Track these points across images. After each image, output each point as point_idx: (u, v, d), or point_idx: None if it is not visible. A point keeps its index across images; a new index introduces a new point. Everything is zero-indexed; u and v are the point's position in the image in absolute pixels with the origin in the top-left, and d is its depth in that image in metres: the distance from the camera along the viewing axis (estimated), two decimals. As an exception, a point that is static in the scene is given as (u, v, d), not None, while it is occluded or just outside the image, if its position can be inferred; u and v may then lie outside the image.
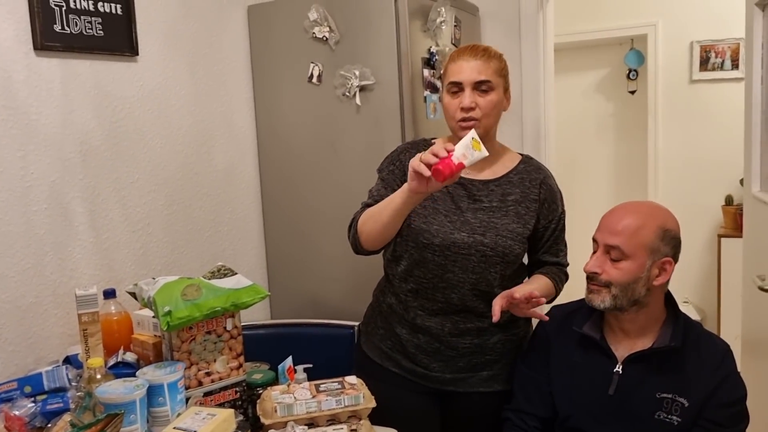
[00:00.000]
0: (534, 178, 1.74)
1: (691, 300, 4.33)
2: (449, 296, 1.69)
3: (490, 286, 1.68)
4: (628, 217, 1.51)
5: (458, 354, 1.72)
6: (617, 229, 1.50)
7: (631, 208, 1.54)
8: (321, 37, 2.27)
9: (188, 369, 1.52)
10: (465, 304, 1.69)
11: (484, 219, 1.68)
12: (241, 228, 2.45)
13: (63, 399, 1.48)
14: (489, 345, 1.72)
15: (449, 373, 1.73)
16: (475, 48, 1.69)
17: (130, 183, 2.01)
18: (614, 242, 1.49)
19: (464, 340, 1.71)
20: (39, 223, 1.75)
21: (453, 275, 1.67)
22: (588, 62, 4.81)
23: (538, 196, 1.73)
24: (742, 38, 3.73)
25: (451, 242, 1.65)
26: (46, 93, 1.77)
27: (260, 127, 2.48)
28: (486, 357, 1.73)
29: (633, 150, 4.68)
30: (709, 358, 1.51)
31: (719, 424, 1.46)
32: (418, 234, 1.68)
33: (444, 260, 1.67)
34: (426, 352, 1.73)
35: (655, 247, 1.48)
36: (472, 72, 1.64)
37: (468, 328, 1.71)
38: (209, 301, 1.51)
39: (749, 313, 2.36)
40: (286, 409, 1.45)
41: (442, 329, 1.71)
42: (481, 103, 1.64)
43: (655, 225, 1.49)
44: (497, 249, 1.65)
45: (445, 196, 1.71)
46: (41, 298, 1.76)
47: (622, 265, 1.49)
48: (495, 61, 1.68)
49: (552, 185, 1.78)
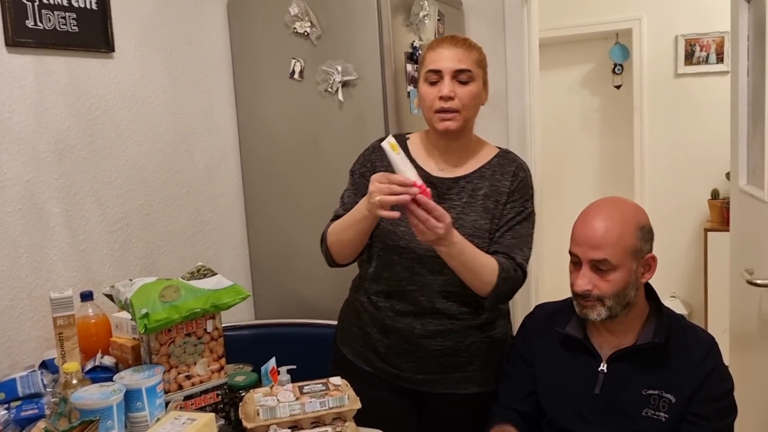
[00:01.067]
0: (506, 171, 1.67)
1: (678, 294, 4.34)
2: (418, 298, 1.65)
3: (460, 286, 1.61)
4: (605, 226, 1.44)
5: (429, 356, 1.67)
6: (598, 241, 1.43)
7: (604, 215, 1.46)
8: (302, 32, 2.24)
9: (167, 372, 1.48)
10: (434, 306, 1.64)
11: (453, 217, 1.58)
12: (223, 227, 2.41)
13: (38, 405, 1.44)
14: (462, 347, 1.67)
15: (421, 374, 1.69)
16: (455, 37, 1.64)
17: (108, 182, 1.96)
18: (600, 256, 1.43)
19: (435, 342, 1.66)
20: (13, 224, 1.70)
21: (421, 277, 1.64)
22: (573, 57, 4.81)
23: (509, 188, 1.65)
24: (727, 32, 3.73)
25: (416, 244, 1.61)
26: (18, 91, 1.72)
27: (242, 124, 2.44)
28: (459, 359, 1.68)
29: (619, 144, 4.68)
30: (695, 351, 1.49)
31: (707, 419, 1.45)
32: (385, 236, 1.66)
33: (411, 263, 1.64)
34: (397, 352, 1.70)
35: (638, 248, 1.45)
36: (452, 60, 1.59)
37: (439, 330, 1.65)
38: (188, 303, 1.48)
39: (737, 307, 2.35)
40: (269, 411, 1.42)
41: (412, 331, 1.66)
42: (460, 93, 1.59)
43: (632, 227, 1.45)
44: None
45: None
46: (16, 302, 1.71)
47: (612, 276, 1.44)
48: (475, 52, 1.63)
49: (524, 178, 1.68)
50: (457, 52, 1.60)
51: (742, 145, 2.22)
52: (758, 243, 1.99)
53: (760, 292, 1.90)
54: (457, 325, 1.65)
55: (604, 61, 4.70)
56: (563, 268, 1.68)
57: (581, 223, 1.49)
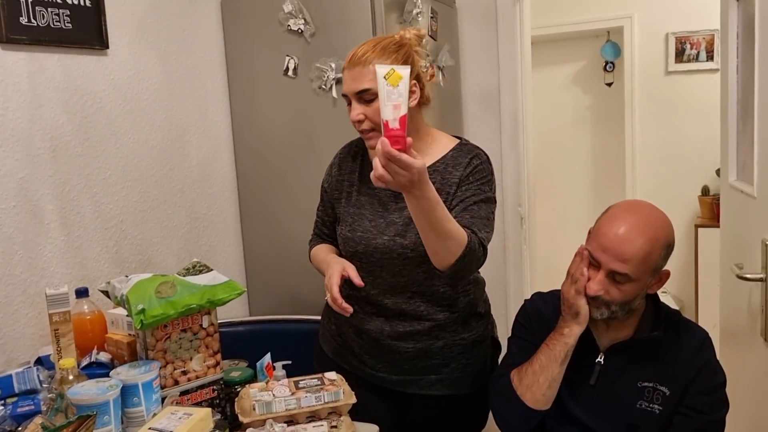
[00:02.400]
0: (459, 163, 1.60)
1: (669, 290, 4.37)
2: (383, 302, 1.65)
3: (423, 286, 1.62)
4: (637, 241, 1.40)
5: (402, 357, 1.67)
6: (626, 256, 1.40)
7: (638, 227, 1.42)
8: (296, 29, 2.24)
9: (164, 368, 1.48)
10: (400, 307, 1.64)
11: (408, 216, 1.54)
12: (217, 224, 2.42)
13: (34, 401, 1.44)
14: (434, 349, 1.66)
15: (395, 375, 1.69)
16: (354, 54, 1.56)
17: (102, 179, 1.96)
18: (623, 270, 1.41)
19: (406, 344, 1.66)
20: (7, 221, 1.70)
21: (383, 280, 1.64)
22: (565, 55, 4.83)
23: (459, 177, 1.58)
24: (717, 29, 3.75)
25: (373, 248, 1.62)
26: (12, 88, 1.72)
27: (236, 122, 2.45)
28: (432, 361, 1.67)
29: (610, 141, 4.71)
30: (688, 346, 1.51)
31: (699, 411, 1.47)
32: (345, 243, 1.68)
33: (371, 266, 1.64)
34: (371, 353, 1.70)
35: (659, 266, 1.46)
36: (351, 82, 1.55)
37: (408, 331, 1.65)
38: (184, 299, 1.48)
39: (727, 302, 2.37)
40: (265, 406, 1.43)
41: (381, 333, 1.66)
42: (369, 112, 1.54)
43: (661, 245, 1.43)
44: (417, 249, 1.55)
45: (372, 198, 1.67)
46: (11, 298, 1.72)
47: (626, 287, 1.43)
48: (382, 59, 1.53)
49: (481, 166, 1.60)
50: (353, 72, 1.54)
51: (731, 141, 2.24)
52: (747, 238, 2.01)
53: (750, 287, 1.92)
54: (425, 326, 1.64)
55: (596, 59, 4.73)
56: (555, 264, 1.69)
57: (609, 228, 1.44)
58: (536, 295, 1.72)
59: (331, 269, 1.62)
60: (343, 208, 1.72)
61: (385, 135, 1.20)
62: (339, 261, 1.65)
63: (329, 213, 1.78)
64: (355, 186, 1.71)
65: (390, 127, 1.21)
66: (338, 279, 1.58)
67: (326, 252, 1.76)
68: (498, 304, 2.76)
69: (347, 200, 1.72)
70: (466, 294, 1.68)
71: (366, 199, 1.67)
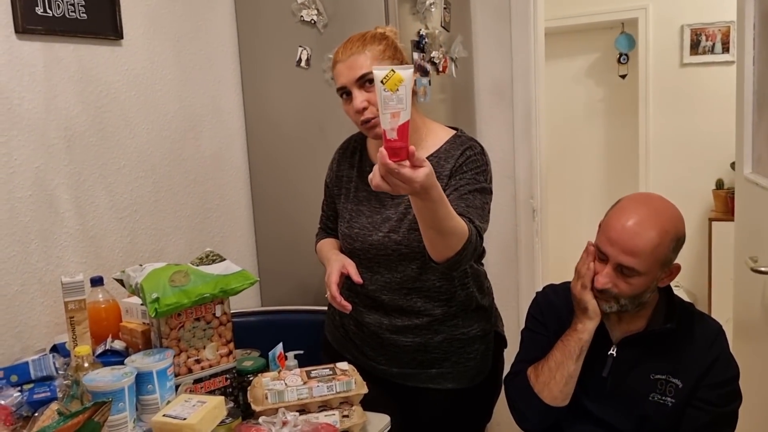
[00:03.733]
0: (452, 155, 1.58)
1: (682, 284, 4.34)
2: (380, 297, 1.65)
3: (418, 281, 1.62)
4: (645, 234, 1.39)
5: (401, 351, 1.67)
6: (634, 250, 1.39)
7: (646, 220, 1.41)
8: (309, 20, 2.24)
9: (177, 356, 1.49)
10: (397, 303, 1.64)
11: (402, 212, 1.59)
12: (230, 214, 2.43)
13: (50, 388, 1.46)
14: (433, 344, 1.66)
15: (396, 368, 1.70)
16: (348, 42, 1.56)
17: (117, 169, 1.97)
18: (631, 264, 1.40)
19: (405, 338, 1.66)
20: (23, 210, 1.72)
21: (380, 276, 1.64)
22: (578, 47, 4.80)
23: (451, 168, 1.56)
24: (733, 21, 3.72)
25: (369, 245, 1.63)
26: (28, 77, 1.73)
27: (248, 112, 2.45)
28: (431, 355, 1.67)
29: (623, 134, 4.68)
30: (702, 338, 1.50)
31: (712, 404, 1.46)
32: (344, 240, 1.69)
33: (369, 263, 1.64)
34: (371, 345, 1.71)
35: (669, 259, 1.44)
36: (348, 71, 1.52)
37: (407, 325, 1.65)
38: (197, 288, 1.49)
39: (740, 296, 2.36)
40: (277, 395, 1.44)
41: (380, 326, 1.67)
42: (372, 98, 1.51)
43: (670, 239, 1.42)
44: (411, 245, 1.57)
45: (370, 195, 1.66)
46: (27, 287, 1.73)
47: (635, 281, 1.43)
48: (373, 46, 1.53)
49: (475, 156, 1.57)
50: (351, 60, 1.52)
51: (747, 134, 2.22)
52: (763, 231, 2.00)
53: (764, 280, 1.91)
54: (423, 321, 1.64)
55: (610, 51, 4.69)
56: (567, 257, 1.69)
57: (618, 221, 1.44)
58: (548, 287, 1.72)
59: (331, 267, 1.64)
60: (342, 204, 1.73)
61: (384, 146, 1.13)
62: (339, 258, 1.67)
63: (332, 208, 1.80)
64: (353, 182, 1.72)
65: (388, 137, 1.12)
66: (337, 277, 1.60)
67: (329, 248, 1.77)
68: (509, 296, 2.76)
69: (346, 196, 1.72)
70: (463, 287, 1.66)
71: (364, 195, 1.68)
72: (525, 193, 2.81)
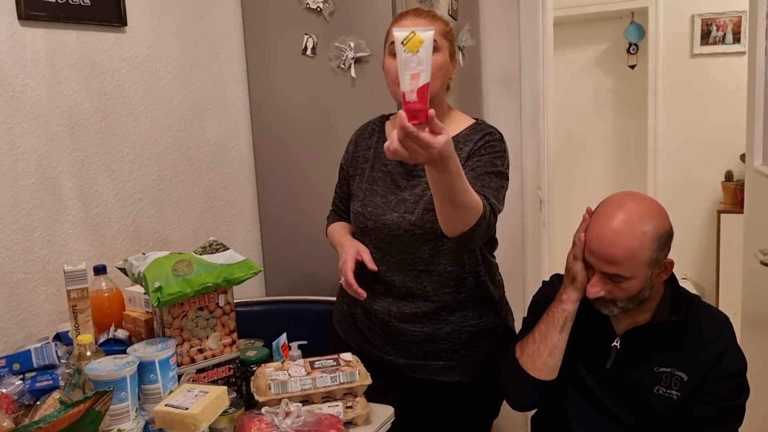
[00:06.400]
0: (470, 140, 1.60)
1: (690, 276, 4.32)
2: (391, 279, 1.65)
3: (430, 264, 1.61)
4: (622, 242, 1.38)
5: (409, 341, 1.67)
6: (612, 259, 1.39)
7: (622, 226, 1.39)
8: (315, 7, 2.22)
9: (180, 346, 1.49)
10: (407, 286, 1.63)
11: (419, 194, 1.60)
12: (234, 203, 2.41)
13: (52, 376, 1.46)
14: (441, 335, 1.65)
15: (403, 359, 1.69)
16: (419, 10, 1.61)
17: (120, 157, 1.96)
18: (613, 271, 1.40)
19: (414, 327, 1.65)
20: (27, 197, 1.71)
21: (391, 257, 1.64)
22: (587, 36, 4.75)
23: (468, 151, 1.57)
24: (744, 11, 3.67)
25: (381, 224, 1.62)
26: (31, 64, 1.72)
27: (253, 101, 2.43)
28: (440, 346, 1.66)
29: (632, 125, 4.64)
30: (709, 331, 1.48)
31: (720, 397, 1.45)
32: (356, 218, 1.68)
33: (380, 243, 1.64)
34: (379, 335, 1.70)
35: (655, 258, 1.41)
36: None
37: (415, 313, 1.64)
38: (201, 277, 1.48)
39: (749, 289, 2.34)
40: (281, 386, 1.43)
41: (389, 314, 1.66)
42: None
43: (649, 240, 1.38)
44: (424, 226, 1.57)
45: (385, 175, 1.67)
46: (30, 275, 1.73)
47: (626, 285, 1.41)
48: (440, 22, 1.58)
49: (493, 142, 1.58)
50: (421, 22, 1.54)
51: (758, 125, 2.20)
52: (773, 224, 1.98)
53: (774, 274, 1.89)
54: (432, 307, 1.63)
55: (619, 41, 4.65)
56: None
57: (594, 230, 1.43)
58: (555, 276, 1.71)
59: (346, 253, 1.63)
60: (357, 184, 1.73)
61: (404, 108, 1.09)
62: (353, 244, 1.66)
63: (345, 191, 1.80)
64: (369, 163, 1.72)
65: (407, 99, 1.09)
66: (352, 264, 1.60)
67: (342, 232, 1.76)
68: (516, 287, 2.75)
69: (360, 176, 1.73)
70: (475, 275, 1.66)
71: (379, 176, 1.68)
72: (532, 183, 2.79)
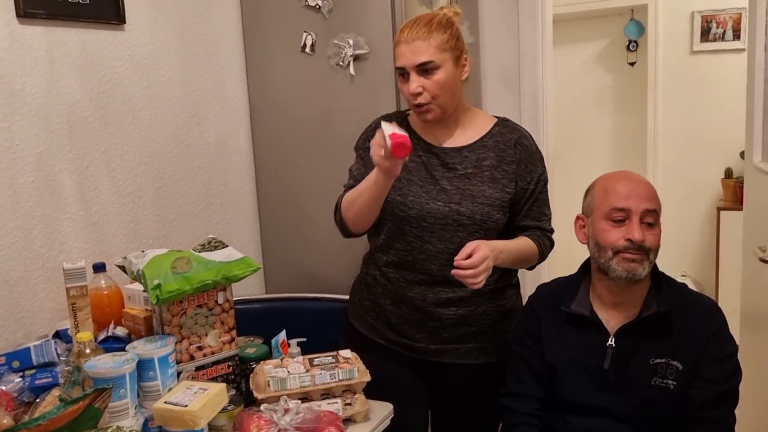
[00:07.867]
0: (509, 140, 1.69)
1: (690, 273, 4.32)
2: (429, 267, 1.66)
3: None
4: (645, 183, 1.53)
5: (442, 325, 1.69)
6: (648, 194, 1.50)
7: (636, 176, 1.57)
8: (314, 5, 2.21)
9: (179, 343, 1.49)
10: (444, 274, 1.64)
11: (460, 186, 1.64)
12: (234, 201, 2.42)
13: (52, 374, 1.46)
14: (474, 316, 1.69)
15: (434, 344, 1.71)
16: (415, 23, 1.60)
17: (120, 155, 1.96)
18: (653, 206, 1.49)
19: (448, 310, 1.68)
20: (26, 195, 1.71)
21: (432, 246, 1.65)
22: (587, 33, 4.74)
23: (514, 157, 1.67)
24: (744, 8, 3.67)
25: (426, 213, 1.63)
26: (30, 62, 1.72)
27: (253, 98, 2.43)
28: (471, 328, 1.70)
29: (632, 122, 4.63)
30: (697, 317, 1.51)
31: (713, 381, 1.47)
32: (395, 207, 1.66)
33: (421, 231, 1.65)
34: (409, 323, 1.71)
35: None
36: (411, 56, 1.57)
37: (450, 298, 1.67)
38: (200, 274, 1.48)
39: (748, 286, 2.34)
40: (280, 383, 1.43)
41: (425, 300, 1.68)
42: (428, 85, 1.57)
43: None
44: (474, 217, 1.62)
45: (419, 166, 1.68)
46: (30, 272, 1.73)
47: (656, 230, 1.51)
48: (437, 34, 1.58)
49: (528, 145, 1.71)
50: (414, 46, 1.57)
51: (757, 122, 2.20)
52: (772, 221, 1.98)
53: (773, 271, 1.89)
54: (468, 292, 1.65)
55: (619, 38, 4.64)
56: (573, 246, 1.68)
57: (620, 182, 1.54)
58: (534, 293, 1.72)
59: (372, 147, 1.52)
60: None
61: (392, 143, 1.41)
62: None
63: (362, 173, 1.70)
64: None
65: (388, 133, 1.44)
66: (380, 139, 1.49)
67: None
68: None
69: None
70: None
71: (413, 165, 1.68)
72: (531, 181, 2.79)
